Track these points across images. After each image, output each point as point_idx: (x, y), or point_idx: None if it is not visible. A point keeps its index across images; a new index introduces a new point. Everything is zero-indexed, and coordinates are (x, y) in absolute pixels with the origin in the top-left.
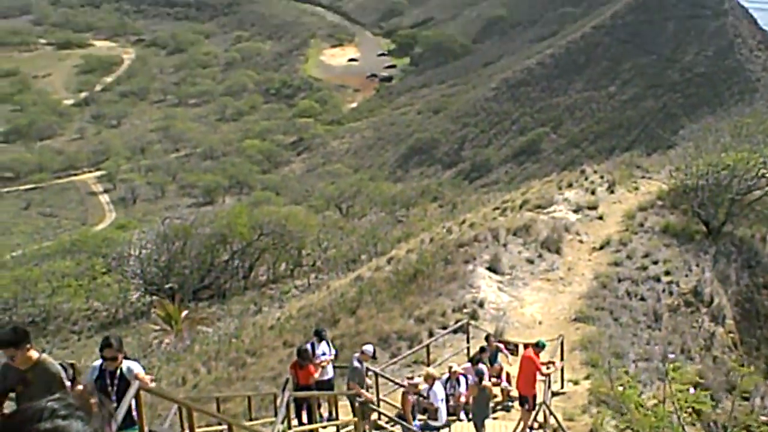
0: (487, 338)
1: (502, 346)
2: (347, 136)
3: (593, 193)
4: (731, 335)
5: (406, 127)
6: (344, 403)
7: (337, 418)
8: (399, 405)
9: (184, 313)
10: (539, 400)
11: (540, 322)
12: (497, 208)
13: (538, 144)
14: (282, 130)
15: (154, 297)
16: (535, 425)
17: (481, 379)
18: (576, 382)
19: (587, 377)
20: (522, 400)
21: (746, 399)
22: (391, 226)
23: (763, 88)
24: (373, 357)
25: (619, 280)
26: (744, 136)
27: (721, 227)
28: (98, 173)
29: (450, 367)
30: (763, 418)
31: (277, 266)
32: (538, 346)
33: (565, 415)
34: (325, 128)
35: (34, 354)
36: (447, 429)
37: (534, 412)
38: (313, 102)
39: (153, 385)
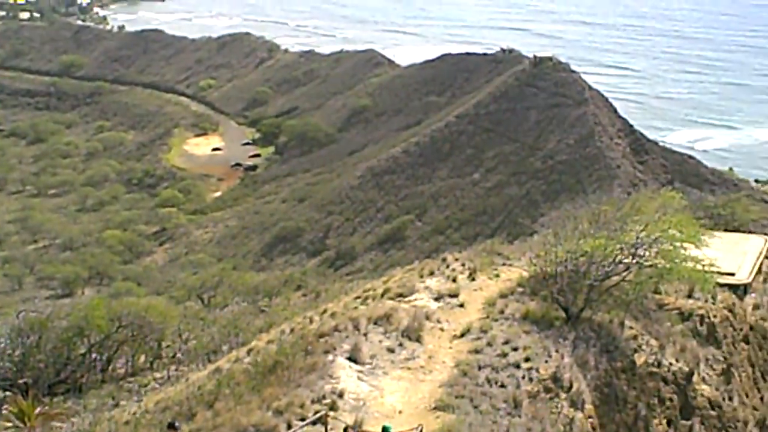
0: (345, 429)
1: None
2: (211, 226)
3: (454, 280)
4: (590, 420)
5: (270, 215)
6: None
7: None
8: None
9: (38, 409)
10: None
11: (400, 412)
12: (359, 297)
13: (402, 231)
14: (144, 220)
15: (7, 393)
16: None
17: None
18: None
19: None
20: None
21: None
22: (253, 316)
23: (623, 175)
24: None
25: (480, 368)
26: (602, 223)
27: (580, 313)
28: None
29: None
30: None
31: (136, 359)
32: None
33: None
34: (188, 218)
35: None
36: None
37: None
38: (176, 191)
39: None
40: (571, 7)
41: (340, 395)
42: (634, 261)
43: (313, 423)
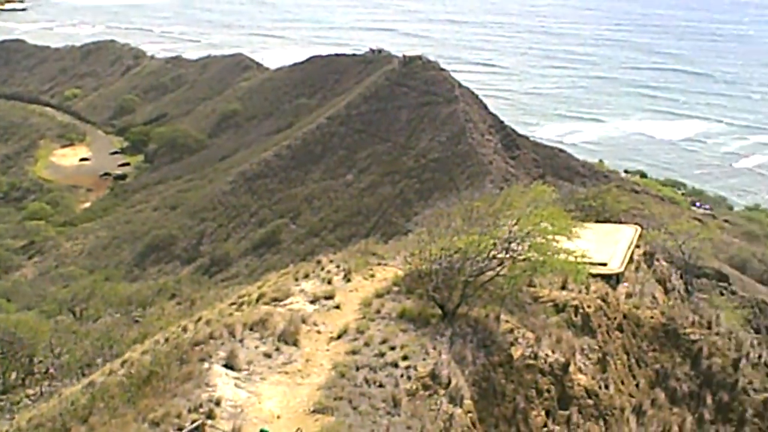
0: None
1: None
2: (81, 237)
3: (330, 282)
4: (470, 415)
5: (142, 224)
6: None
7: None
8: None
9: None
10: None
11: (279, 417)
12: (234, 303)
13: (277, 235)
14: (11, 234)
15: None
16: None
17: None
18: None
19: None
20: None
21: None
22: (127, 328)
23: (495, 170)
24: None
25: (357, 369)
26: (475, 219)
27: (456, 309)
28: None
29: None
30: None
31: (6, 376)
32: None
33: None
34: (57, 230)
35: None
36: None
37: None
38: (43, 204)
39: None
40: (438, 6)
41: (217, 403)
42: (508, 255)
43: None
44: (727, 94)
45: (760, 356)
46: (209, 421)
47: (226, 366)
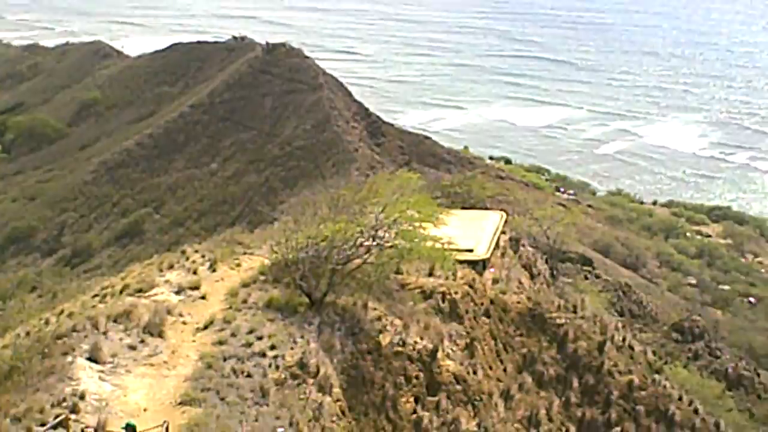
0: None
1: None
2: None
3: (195, 272)
4: (339, 403)
5: (0, 216)
6: None
7: None
8: None
9: None
10: None
11: (145, 409)
12: (97, 295)
13: (141, 225)
14: None
15: None
16: None
17: None
18: None
19: None
20: None
21: None
22: None
23: (361, 158)
24: None
25: (225, 359)
26: (341, 207)
27: (323, 298)
28: None
29: None
30: None
31: None
32: (131, 429)
33: None
34: None
35: None
36: None
37: None
38: None
39: None
40: None
41: (81, 397)
42: (375, 243)
43: (54, 428)
44: (587, 81)
45: (624, 339)
46: (73, 416)
47: (89, 359)
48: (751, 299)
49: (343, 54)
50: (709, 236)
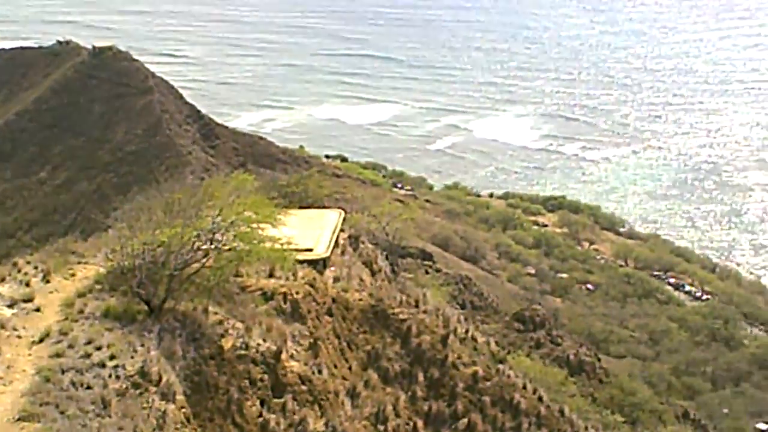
0: None
1: None
2: None
3: (28, 284)
4: (183, 410)
5: None
6: None
7: None
8: None
9: None
10: None
11: None
12: None
13: None
14: None
15: None
16: None
17: None
18: None
19: None
20: None
21: None
22: None
23: (195, 161)
24: None
25: (63, 371)
26: (177, 212)
27: (162, 304)
28: None
29: None
30: None
31: None
32: None
33: None
34: None
35: None
36: None
37: None
38: None
39: None
40: None
41: None
42: (213, 246)
43: None
44: (417, 78)
45: (467, 331)
46: None
47: None
48: (589, 286)
49: (170, 57)
50: (546, 226)
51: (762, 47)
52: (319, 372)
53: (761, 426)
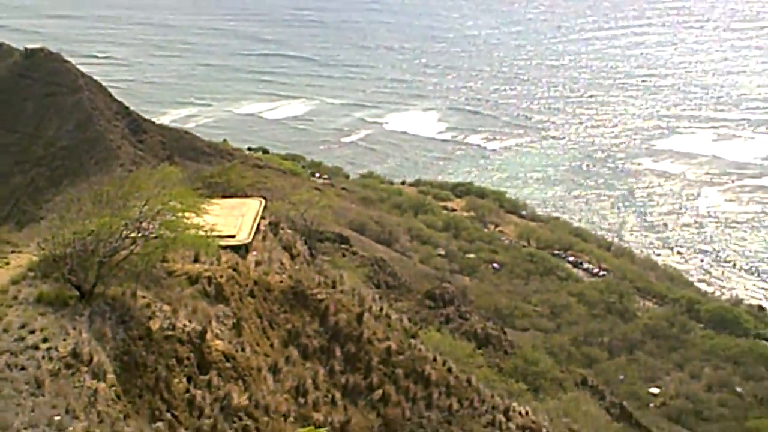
0: None
1: None
2: None
3: None
4: (114, 388)
5: None
6: None
7: None
8: None
9: None
10: None
11: None
12: None
13: None
14: None
15: None
16: None
17: None
18: None
19: None
20: None
21: None
22: None
23: (124, 155)
24: None
25: None
26: (105, 203)
27: (92, 289)
28: None
29: None
30: None
31: None
32: None
33: None
34: None
35: None
36: None
37: None
38: None
39: None
40: (47, 1)
41: None
42: (140, 234)
43: None
44: (330, 76)
45: (381, 309)
46: None
47: None
48: (495, 265)
49: (98, 58)
50: (454, 210)
51: (648, 44)
52: (242, 350)
53: (654, 390)
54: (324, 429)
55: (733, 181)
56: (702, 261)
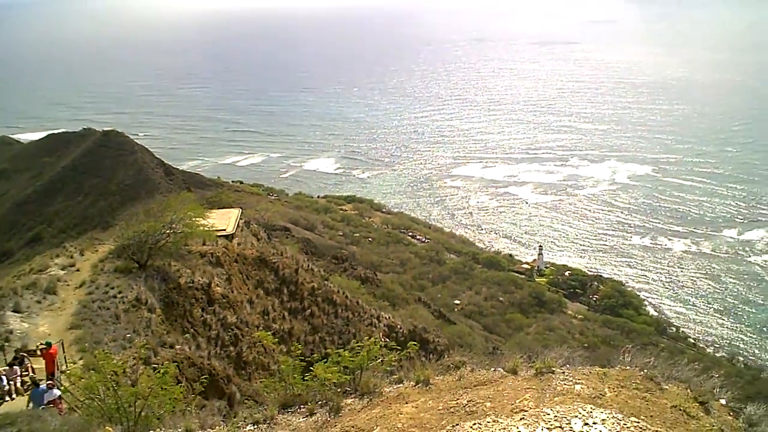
0: (16, 350)
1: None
2: None
3: (71, 257)
4: (160, 317)
5: None
6: None
7: None
8: None
9: None
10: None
11: (49, 334)
12: (15, 276)
13: (40, 235)
14: None
15: None
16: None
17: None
18: (74, 362)
19: (81, 357)
20: (50, 375)
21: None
22: None
23: (162, 188)
24: None
25: (93, 302)
26: (151, 215)
27: (146, 263)
28: None
29: None
30: None
31: None
32: (48, 345)
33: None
34: None
35: None
36: None
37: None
38: None
39: None
40: (112, 105)
41: (10, 332)
42: (171, 231)
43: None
44: (272, 141)
45: (308, 265)
46: (6, 344)
47: (14, 311)
48: (370, 239)
49: (142, 135)
50: (346, 210)
51: (444, 118)
52: (232, 292)
53: (456, 301)
54: (269, 333)
55: (490, 189)
56: (477, 231)
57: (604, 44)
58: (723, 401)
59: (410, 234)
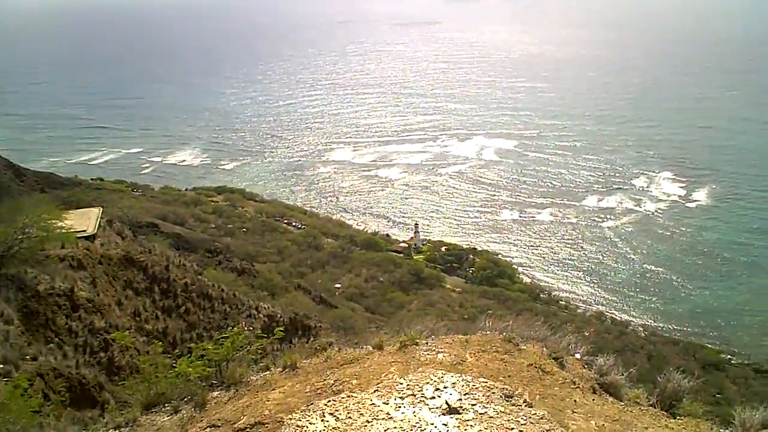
0: None
1: None
2: None
3: None
4: (19, 328)
5: None
6: None
7: None
8: None
9: None
10: None
11: None
12: None
13: None
14: None
15: None
16: None
17: None
18: None
19: None
20: None
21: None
22: None
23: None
24: None
25: None
26: (2, 220)
27: None
28: None
29: None
30: None
31: None
32: None
33: None
34: None
35: None
36: None
37: None
38: None
39: None
40: None
41: None
42: (25, 235)
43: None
44: (129, 137)
45: (180, 261)
46: None
47: None
48: (244, 229)
49: None
50: (217, 202)
51: (316, 104)
52: (98, 295)
53: (337, 285)
54: (127, 332)
55: (362, 172)
56: (353, 214)
57: (468, 23)
58: (578, 356)
59: (286, 221)
